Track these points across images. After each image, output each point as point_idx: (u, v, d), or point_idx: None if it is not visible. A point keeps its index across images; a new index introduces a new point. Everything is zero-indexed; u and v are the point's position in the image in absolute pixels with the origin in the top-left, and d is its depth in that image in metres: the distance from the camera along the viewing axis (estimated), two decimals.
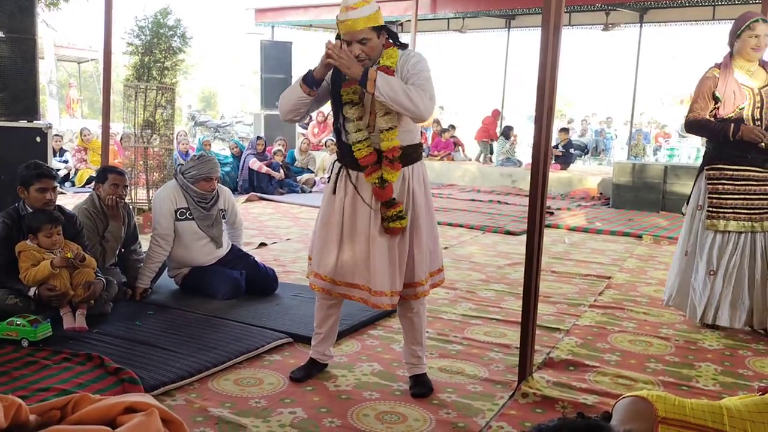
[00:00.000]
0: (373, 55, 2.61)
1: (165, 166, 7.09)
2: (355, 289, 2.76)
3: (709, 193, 3.69)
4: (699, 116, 3.69)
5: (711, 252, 3.69)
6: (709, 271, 3.69)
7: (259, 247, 5.83)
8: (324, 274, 2.78)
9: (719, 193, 3.66)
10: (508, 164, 12.09)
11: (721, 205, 3.65)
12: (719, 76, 3.65)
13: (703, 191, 3.74)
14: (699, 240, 3.74)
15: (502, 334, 3.62)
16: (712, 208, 3.68)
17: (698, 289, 3.73)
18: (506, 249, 6.10)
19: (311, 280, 2.86)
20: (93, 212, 3.99)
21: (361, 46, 2.56)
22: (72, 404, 1.29)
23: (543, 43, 2.67)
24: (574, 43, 23.05)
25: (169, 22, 7.17)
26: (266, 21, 14.71)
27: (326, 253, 2.77)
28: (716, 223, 3.67)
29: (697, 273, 3.74)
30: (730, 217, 3.64)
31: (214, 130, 20.01)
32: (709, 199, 3.69)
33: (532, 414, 2.64)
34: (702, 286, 3.72)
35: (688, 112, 3.78)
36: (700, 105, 3.69)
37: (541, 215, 2.79)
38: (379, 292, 2.68)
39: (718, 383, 3.02)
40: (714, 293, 3.68)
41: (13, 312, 3.26)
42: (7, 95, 4.34)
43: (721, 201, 3.65)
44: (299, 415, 2.57)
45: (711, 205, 3.68)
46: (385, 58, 2.62)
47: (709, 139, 3.80)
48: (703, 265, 3.71)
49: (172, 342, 3.24)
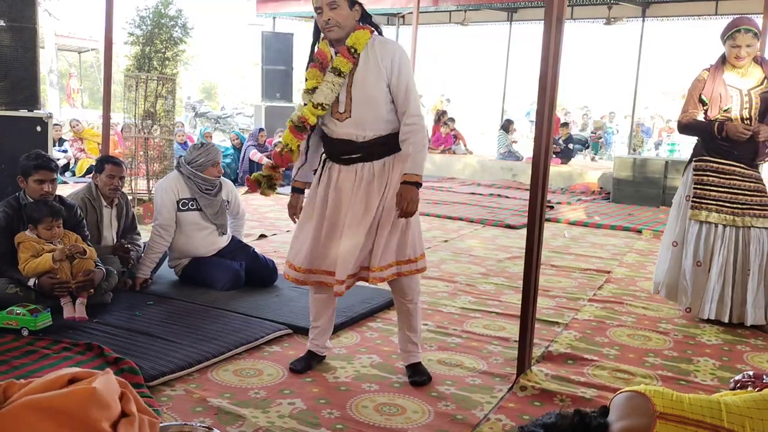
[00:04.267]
0: (343, 24, 2.63)
1: (165, 156, 7.07)
2: (329, 276, 2.78)
3: (695, 184, 3.77)
4: (688, 118, 3.80)
5: (698, 243, 3.75)
6: (696, 262, 3.75)
7: (259, 239, 5.83)
8: (297, 264, 2.80)
9: (704, 185, 3.74)
10: (509, 158, 12.07)
11: (705, 196, 3.73)
12: (707, 79, 3.74)
13: (689, 182, 3.83)
14: (686, 230, 3.81)
15: (501, 327, 3.63)
16: (696, 199, 3.76)
17: (686, 280, 3.79)
18: (506, 242, 6.10)
19: (284, 270, 2.88)
20: (89, 200, 4.00)
21: (330, 10, 2.60)
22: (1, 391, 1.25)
23: (545, 36, 2.66)
24: (576, 37, 22.94)
25: (170, 13, 7.14)
26: (267, 12, 14.64)
27: (301, 243, 2.80)
28: (698, 214, 3.74)
29: (685, 263, 3.80)
30: (713, 208, 3.71)
31: (214, 122, 19.99)
32: (694, 189, 3.77)
33: (530, 407, 2.65)
34: (689, 276, 3.78)
35: (679, 115, 3.89)
36: (690, 107, 3.81)
37: (541, 209, 2.79)
38: (340, 280, 2.70)
39: (716, 378, 3.03)
40: (701, 286, 3.74)
41: (13, 301, 3.27)
42: (8, 84, 4.33)
43: (705, 192, 3.73)
44: (298, 406, 2.58)
45: (695, 195, 3.76)
46: (352, 39, 2.64)
47: (699, 138, 3.87)
48: (689, 255, 3.77)
49: (172, 332, 3.25)
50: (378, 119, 2.68)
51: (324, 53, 2.71)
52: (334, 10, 2.60)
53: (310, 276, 2.81)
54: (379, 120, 2.68)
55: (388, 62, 2.64)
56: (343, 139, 2.72)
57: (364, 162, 2.72)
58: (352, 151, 2.72)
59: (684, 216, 3.84)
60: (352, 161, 2.73)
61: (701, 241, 3.73)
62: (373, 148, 2.71)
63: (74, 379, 1.27)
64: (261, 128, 10.51)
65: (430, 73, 26.18)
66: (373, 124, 2.68)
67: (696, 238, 3.75)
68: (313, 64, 2.73)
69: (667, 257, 3.93)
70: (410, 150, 2.65)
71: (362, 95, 2.65)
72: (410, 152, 2.65)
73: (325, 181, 2.79)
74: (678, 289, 3.87)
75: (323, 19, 2.61)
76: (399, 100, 2.67)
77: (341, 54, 2.65)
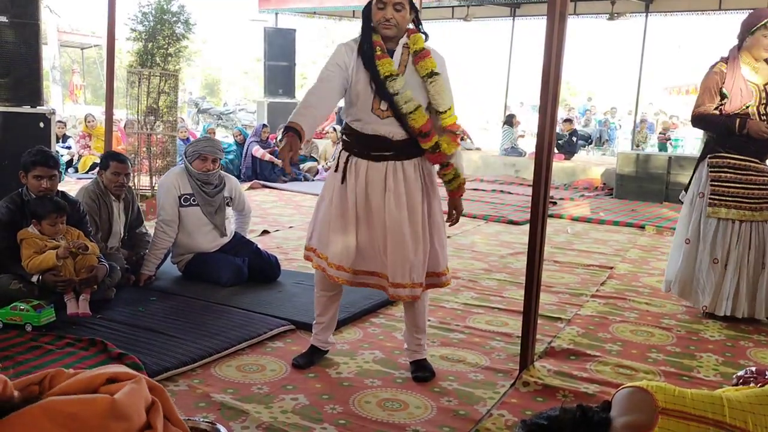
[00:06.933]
0: (401, 25, 2.65)
1: (168, 152, 7.08)
2: (374, 277, 2.77)
3: (712, 181, 3.71)
4: (705, 111, 3.69)
5: (714, 240, 3.71)
6: (712, 260, 3.71)
7: (262, 235, 5.83)
8: (347, 265, 2.74)
9: (721, 181, 3.68)
10: (511, 153, 12.05)
11: (724, 193, 3.68)
12: (726, 72, 3.64)
13: (704, 179, 3.76)
14: (702, 228, 3.76)
15: (504, 323, 3.63)
16: (714, 196, 3.70)
17: (702, 278, 3.75)
18: (509, 238, 6.10)
19: (333, 273, 2.75)
20: (97, 195, 4.01)
21: (394, 11, 2.61)
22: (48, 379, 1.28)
23: (548, 31, 2.66)
24: (579, 33, 22.88)
25: (172, 8, 7.14)
26: (270, 8, 14.63)
27: (345, 243, 2.74)
28: (718, 211, 3.69)
29: (701, 261, 3.76)
30: (732, 205, 3.67)
31: (217, 118, 20.00)
32: (711, 186, 3.71)
33: (533, 402, 2.65)
34: (705, 274, 3.74)
35: (694, 107, 3.78)
36: (706, 99, 3.69)
37: (544, 205, 2.79)
38: (397, 284, 2.68)
39: (719, 374, 3.02)
40: (718, 283, 3.70)
41: (16, 297, 3.27)
42: (11, 80, 4.34)
43: (724, 189, 3.68)
44: (301, 401, 2.59)
45: (713, 192, 3.70)
46: (414, 42, 2.69)
47: (715, 134, 3.79)
48: (706, 253, 3.73)
49: (175, 328, 3.25)
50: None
51: (381, 44, 2.68)
52: (398, 11, 2.62)
53: (356, 277, 2.78)
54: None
55: (441, 70, 2.69)
56: (377, 136, 2.69)
57: (395, 160, 2.71)
58: (385, 148, 2.70)
59: (697, 213, 3.78)
60: (383, 158, 2.71)
61: (718, 238, 3.69)
62: (405, 147, 2.70)
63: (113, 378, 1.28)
64: (264, 124, 10.51)
65: None
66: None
67: (713, 235, 3.70)
68: (381, 54, 2.65)
69: (679, 255, 3.89)
70: (453, 159, 2.77)
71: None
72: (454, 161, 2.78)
73: (352, 178, 2.73)
74: (692, 287, 3.82)
75: (385, 16, 2.61)
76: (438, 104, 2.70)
77: (424, 57, 2.67)
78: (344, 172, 2.75)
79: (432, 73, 2.67)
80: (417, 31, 2.73)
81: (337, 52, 2.71)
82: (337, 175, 2.77)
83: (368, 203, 2.72)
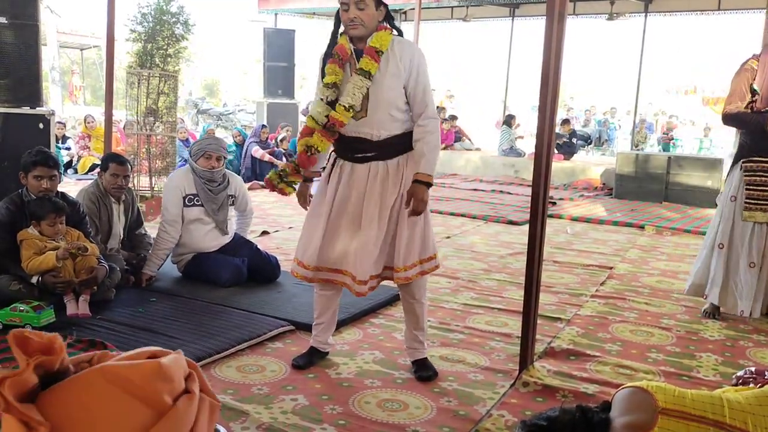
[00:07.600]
0: (367, 23, 2.61)
1: (168, 153, 7.08)
2: (339, 274, 2.78)
3: (747, 185, 3.71)
4: (737, 109, 3.67)
5: (751, 244, 3.71)
6: (749, 263, 3.71)
7: (262, 235, 5.83)
8: (306, 262, 2.80)
9: (756, 185, 3.69)
10: (510, 154, 12.06)
11: (759, 197, 3.68)
12: (758, 69, 3.63)
13: (737, 183, 3.75)
14: (738, 232, 3.74)
15: (504, 323, 3.63)
16: (750, 200, 3.70)
17: (739, 283, 3.74)
18: (508, 239, 6.10)
19: (292, 267, 2.88)
20: (97, 196, 4.01)
21: (357, 10, 2.58)
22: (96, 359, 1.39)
23: (547, 32, 2.66)
24: (578, 33, 22.88)
25: (171, 9, 7.14)
26: (269, 8, 14.64)
27: (311, 240, 2.80)
28: (754, 215, 3.69)
29: (737, 266, 3.75)
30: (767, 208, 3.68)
31: (216, 118, 20.00)
32: (747, 190, 3.71)
33: (532, 403, 2.65)
34: (743, 277, 3.72)
35: (725, 105, 3.77)
36: (738, 97, 3.68)
37: (543, 205, 2.79)
38: (361, 281, 2.70)
39: (718, 374, 3.03)
40: (754, 287, 3.70)
41: (16, 298, 3.27)
42: (10, 81, 4.33)
43: (759, 192, 3.68)
44: (301, 402, 2.59)
45: (749, 197, 3.70)
46: (375, 40, 2.63)
47: (747, 132, 3.77)
48: (744, 257, 3.72)
49: (175, 329, 3.25)
50: (393, 119, 2.68)
51: (344, 49, 2.67)
52: (361, 9, 2.59)
53: (318, 273, 2.81)
54: (393, 120, 2.69)
55: (407, 62, 2.65)
56: (358, 137, 2.71)
57: (378, 160, 2.72)
58: (367, 149, 2.71)
59: (729, 217, 3.77)
60: (366, 159, 2.72)
61: (754, 242, 3.69)
62: (387, 147, 2.71)
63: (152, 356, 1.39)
64: (263, 125, 10.51)
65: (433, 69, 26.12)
66: (388, 124, 2.68)
67: (749, 239, 3.70)
68: (332, 59, 2.69)
69: (711, 259, 3.85)
70: (424, 150, 2.66)
71: (380, 96, 2.65)
72: (424, 153, 2.66)
73: (335, 179, 2.78)
74: (728, 291, 3.78)
75: (349, 17, 2.59)
76: (416, 101, 2.68)
77: (368, 55, 2.62)
78: (329, 173, 2.81)
79: (363, 71, 2.62)
80: (386, 28, 2.68)
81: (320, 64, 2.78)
82: (324, 175, 2.84)
83: (349, 203, 2.75)
